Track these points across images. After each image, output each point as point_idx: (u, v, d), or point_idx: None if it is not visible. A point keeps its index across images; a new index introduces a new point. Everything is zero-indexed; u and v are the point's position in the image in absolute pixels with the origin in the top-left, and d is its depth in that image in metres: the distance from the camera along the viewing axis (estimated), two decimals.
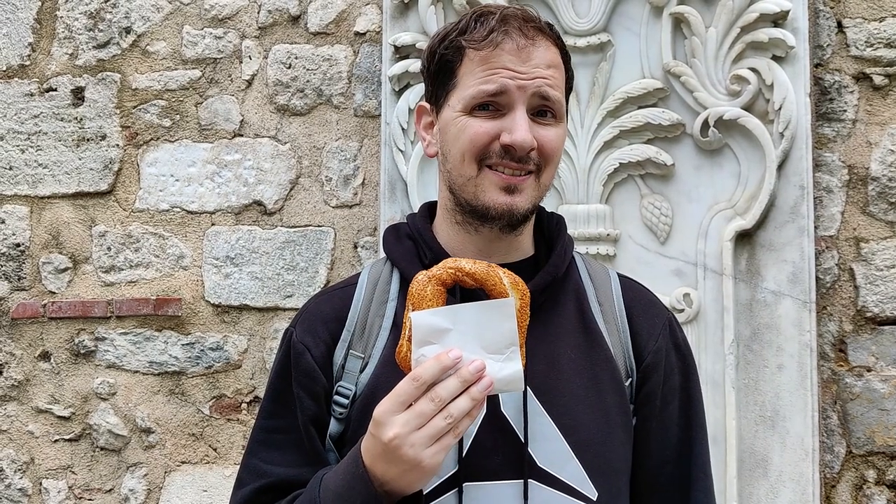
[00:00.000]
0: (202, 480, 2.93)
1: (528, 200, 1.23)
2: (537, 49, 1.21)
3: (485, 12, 1.24)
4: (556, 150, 1.24)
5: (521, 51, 1.20)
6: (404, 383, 1.06)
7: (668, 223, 2.51)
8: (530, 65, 1.20)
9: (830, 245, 2.53)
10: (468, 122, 1.21)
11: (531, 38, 1.21)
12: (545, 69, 1.21)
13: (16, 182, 3.09)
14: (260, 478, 1.26)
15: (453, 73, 1.24)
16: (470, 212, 1.24)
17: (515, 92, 1.20)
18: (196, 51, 3.02)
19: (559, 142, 1.25)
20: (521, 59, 1.20)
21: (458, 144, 1.23)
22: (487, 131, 1.20)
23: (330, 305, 1.30)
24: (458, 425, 1.05)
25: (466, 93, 1.21)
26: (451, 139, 1.24)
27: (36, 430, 3.03)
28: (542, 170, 1.23)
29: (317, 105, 2.94)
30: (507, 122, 1.20)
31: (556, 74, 1.23)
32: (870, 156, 2.52)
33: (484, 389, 1.05)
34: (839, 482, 2.48)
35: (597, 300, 1.30)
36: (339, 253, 2.90)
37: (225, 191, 2.98)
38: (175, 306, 2.97)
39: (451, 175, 1.25)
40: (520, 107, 1.20)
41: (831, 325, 2.51)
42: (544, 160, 1.23)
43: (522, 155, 1.20)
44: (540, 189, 1.25)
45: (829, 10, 2.57)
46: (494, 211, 1.22)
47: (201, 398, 2.94)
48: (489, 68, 1.20)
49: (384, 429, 1.05)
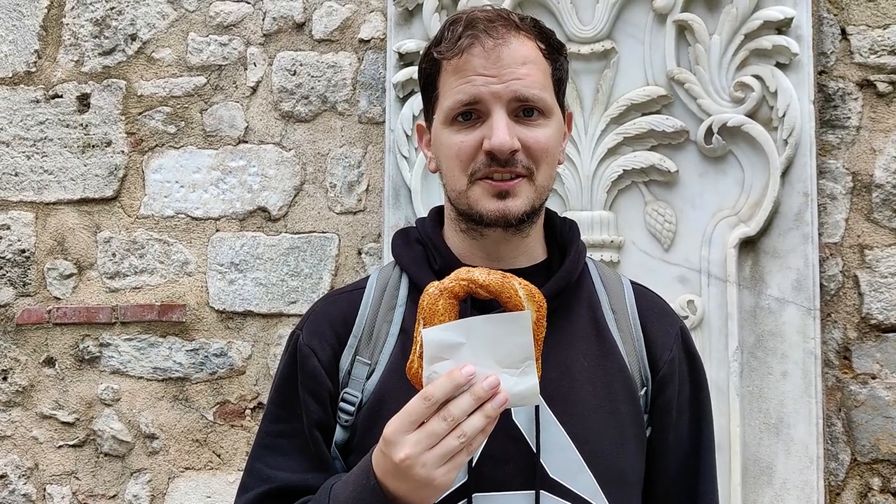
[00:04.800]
0: (206, 487, 2.93)
1: (524, 203, 1.20)
2: (508, 47, 1.18)
3: (455, 19, 1.22)
4: (546, 148, 1.21)
5: (489, 53, 1.17)
6: (415, 402, 1.03)
7: (672, 230, 2.51)
8: (501, 65, 1.17)
9: (834, 252, 2.52)
10: (450, 135, 1.21)
11: (500, 38, 1.18)
12: (519, 67, 1.18)
13: (21, 188, 3.10)
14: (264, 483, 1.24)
15: (435, 86, 1.23)
16: (468, 219, 1.24)
17: (490, 98, 1.17)
18: (201, 58, 3.03)
19: (549, 140, 1.21)
20: (491, 60, 1.17)
21: (446, 159, 1.22)
22: (470, 143, 1.19)
23: (337, 309, 1.28)
24: (471, 443, 1.02)
25: (445, 104, 1.21)
26: (440, 154, 1.24)
27: (40, 436, 3.03)
28: (535, 171, 1.20)
29: (321, 112, 2.95)
30: (486, 128, 1.18)
31: (532, 71, 1.19)
32: (874, 163, 2.52)
33: (499, 406, 1.02)
34: (844, 490, 2.47)
35: (610, 308, 1.28)
36: (343, 259, 2.90)
37: (229, 197, 2.99)
38: (179, 312, 2.97)
39: (447, 188, 1.25)
40: (497, 111, 1.17)
41: (836, 333, 2.50)
42: (534, 161, 1.20)
43: (507, 157, 1.17)
44: (537, 190, 1.22)
45: (832, 18, 2.57)
46: (488, 218, 1.20)
47: (205, 404, 2.95)
48: (461, 77, 1.18)
49: (395, 448, 1.02)
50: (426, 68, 1.25)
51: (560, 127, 1.25)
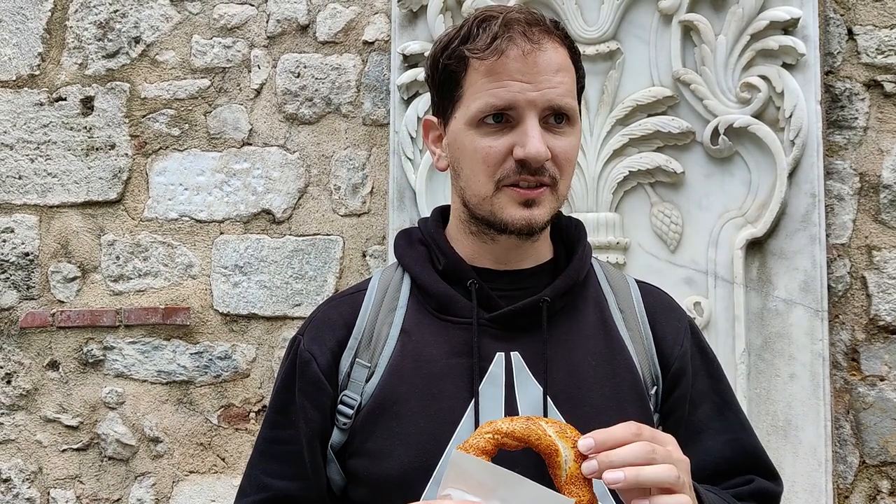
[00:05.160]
0: (210, 490, 2.92)
1: (547, 212, 1.19)
2: (545, 53, 1.16)
3: (487, 17, 1.19)
4: (571, 158, 1.20)
5: (526, 57, 1.15)
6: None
7: (679, 231, 2.49)
8: (538, 71, 1.15)
9: (842, 253, 2.51)
10: (478, 138, 1.17)
11: (537, 42, 1.16)
12: (554, 75, 1.16)
13: (25, 191, 3.10)
14: (260, 491, 1.25)
15: (458, 84, 1.19)
16: (487, 224, 1.21)
17: (525, 105, 1.15)
18: (205, 60, 3.02)
19: (574, 150, 1.21)
20: (528, 65, 1.15)
21: (470, 162, 1.19)
22: (499, 149, 1.16)
23: (338, 312, 1.27)
24: None
25: (473, 105, 1.17)
26: (461, 155, 1.20)
27: (44, 440, 3.03)
28: (559, 180, 1.19)
29: (325, 114, 2.94)
30: (518, 134, 1.16)
31: (565, 79, 1.18)
32: (881, 163, 2.51)
33: None
34: (852, 493, 2.45)
35: (618, 307, 1.28)
36: (347, 262, 2.89)
37: (234, 199, 2.98)
38: (183, 315, 2.97)
39: (465, 192, 1.22)
40: (531, 118, 1.15)
41: (843, 334, 2.49)
42: (560, 170, 1.18)
43: (538, 167, 1.16)
44: (558, 199, 1.21)
45: (839, 18, 2.56)
46: (513, 226, 1.18)
47: (209, 407, 2.94)
48: (495, 80, 1.15)
49: None
50: (450, 64, 1.20)
51: (580, 134, 1.25)
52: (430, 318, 1.23)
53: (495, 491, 0.98)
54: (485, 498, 0.98)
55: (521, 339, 1.21)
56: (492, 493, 0.98)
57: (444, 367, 1.20)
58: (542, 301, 1.21)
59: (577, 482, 1.00)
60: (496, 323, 1.21)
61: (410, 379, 1.20)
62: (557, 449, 1.01)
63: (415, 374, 1.20)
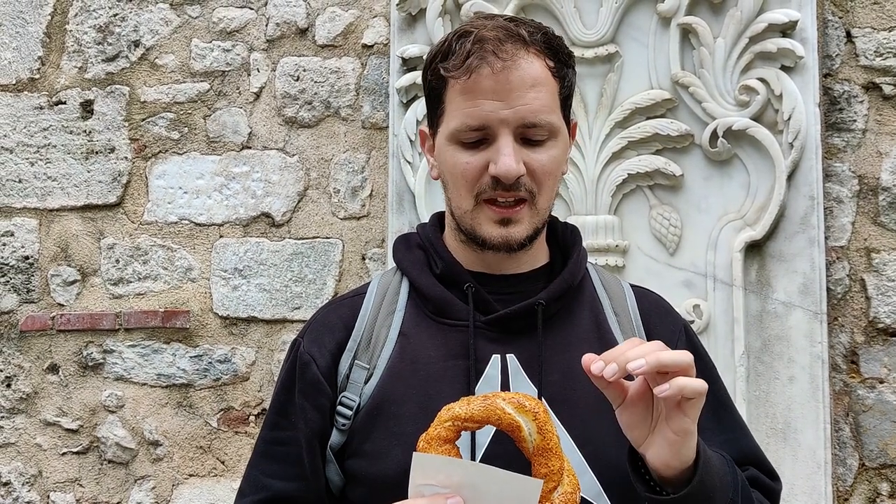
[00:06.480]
0: (210, 493, 2.92)
1: (526, 229, 1.21)
2: (517, 70, 1.16)
3: (464, 32, 1.20)
4: (550, 172, 1.21)
5: (497, 75, 1.16)
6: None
7: (678, 234, 2.49)
8: (510, 89, 1.16)
9: (841, 256, 2.51)
10: (457, 153, 1.20)
11: (510, 59, 1.16)
12: (528, 91, 1.17)
13: (25, 195, 3.10)
14: (259, 491, 1.26)
15: (441, 100, 1.22)
16: (469, 238, 1.24)
17: (497, 124, 1.17)
18: (204, 63, 3.03)
19: (553, 163, 1.21)
20: (500, 83, 1.16)
21: (451, 177, 1.22)
22: (476, 165, 1.19)
23: (337, 315, 1.29)
24: None
25: (452, 123, 1.20)
26: (445, 168, 1.24)
27: (44, 443, 3.03)
28: (537, 194, 1.20)
29: (325, 117, 2.94)
30: (492, 151, 1.18)
31: (541, 94, 1.18)
32: (880, 166, 2.51)
33: None
34: (852, 495, 2.45)
35: (612, 310, 1.29)
36: (347, 265, 2.89)
37: (233, 203, 2.98)
38: (183, 318, 2.97)
39: (451, 203, 1.26)
40: (504, 136, 1.17)
41: (843, 337, 2.49)
42: (537, 183, 1.20)
43: (512, 183, 1.18)
44: (539, 214, 1.22)
45: (837, 20, 2.56)
46: (491, 243, 1.21)
47: (209, 411, 2.94)
48: (469, 98, 1.17)
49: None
50: (432, 81, 1.23)
51: (566, 144, 1.25)
52: (427, 320, 1.25)
53: (462, 482, 1.00)
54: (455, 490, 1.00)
55: (516, 342, 1.22)
56: (460, 486, 1.00)
57: (441, 368, 1.21)
58: (537, 304, 1.22)
59: (546, 452, 1.02)
60: (492, 326, 1.23)
61: (408, 380, 1.21)
62: (519, 425, 1.02)
63: (412, 375, 1.22)
